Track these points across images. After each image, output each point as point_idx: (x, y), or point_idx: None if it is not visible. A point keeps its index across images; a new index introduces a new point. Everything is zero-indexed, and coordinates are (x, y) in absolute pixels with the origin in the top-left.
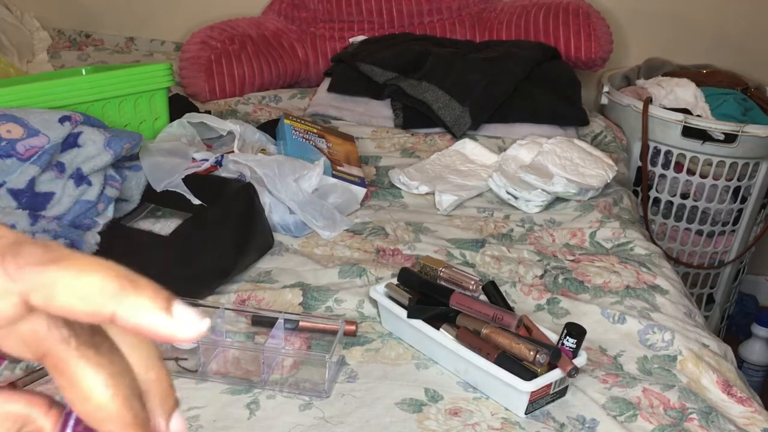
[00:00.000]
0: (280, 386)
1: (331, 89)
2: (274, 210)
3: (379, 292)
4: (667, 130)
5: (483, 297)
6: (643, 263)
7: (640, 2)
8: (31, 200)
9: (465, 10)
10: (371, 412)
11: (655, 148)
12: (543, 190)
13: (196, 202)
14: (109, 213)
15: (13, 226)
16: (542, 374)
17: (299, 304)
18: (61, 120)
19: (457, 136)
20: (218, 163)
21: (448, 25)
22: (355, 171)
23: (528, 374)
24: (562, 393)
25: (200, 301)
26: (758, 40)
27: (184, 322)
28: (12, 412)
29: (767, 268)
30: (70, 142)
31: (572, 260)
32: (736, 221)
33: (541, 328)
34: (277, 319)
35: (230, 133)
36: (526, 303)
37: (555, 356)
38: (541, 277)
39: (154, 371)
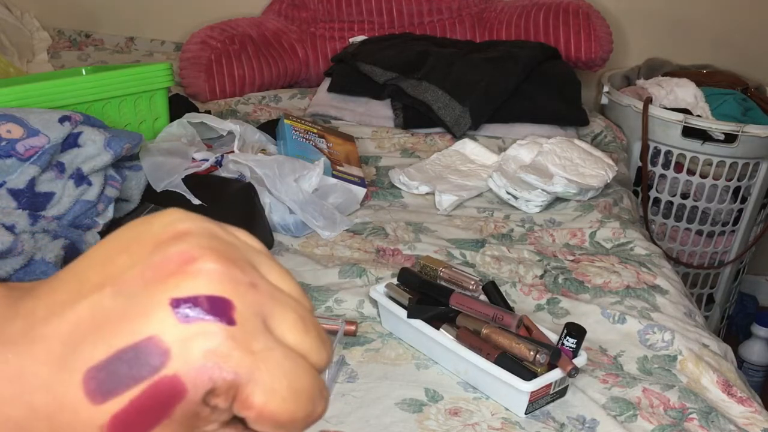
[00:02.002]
0: None
1: (331, 89)
2: (274, 210)
3: (379, 292)
4: (667, 130)
5: (483, 297)
6: (643, 263)
7: (640, 2)
8: (31, 200)
9: (465, 10)
10: (371, 412)
11: (655, 148)
12: (543, 190)
13: (196, 202)
14: (110, 213)
15: (13, 226)
16: (542, 374)
17: None
18: (61, 120)
19: (457, 136)
20: (218, 163)
21: (448, 25)
22: (355, 171)
23: (528, 374)
24: (562, 393)
25: None
26: (758, 40)
27: None
28: None
29: (767, 268)
30: (70, 142)
31: (572, 260)
32: (736, 221)
33: (541, 328)
34: None
35: (230, 133)
36: (526, 303)
37: (555, 356)
38: (541, 277)
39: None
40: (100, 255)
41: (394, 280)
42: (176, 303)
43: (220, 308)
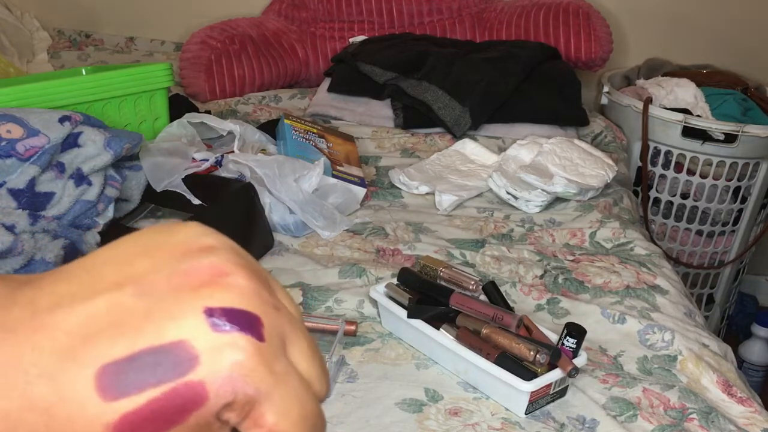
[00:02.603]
0: None
1: (331, 89)
2: (274, 210)
3: (379, 292)
4: (667, 130)
5: (483, 297)
6: (643, 263)
7: (640, 2)
8: (31, 200)
9: (465, 10)
10: (371, 412)
11: (655, 148)
12: (543, 190)
13: (196, 202)
14: (109, 213)
15: (12, 226)
16: (542, 374)
17: (299, 304)
18: (61, 120)
19: (457, 136)
20: (218, 163)
21: (448, 25)
22: (355, 171)
23: (528, 374)
24: (562, 393)
25: None
26: (758, 40)
27: None
28: None
29: (767, 268)
30: (70, 142)
31: (572, 260)
32: (736, 221)
33: (541, 328)
34: None
35: (230, 133)
36: (526, 303)
37: (555, 356)
38: (541, 277)
39: None
40: (116, 255)
41: (394, 280)
42: (210, 312)
43: (251, 323)
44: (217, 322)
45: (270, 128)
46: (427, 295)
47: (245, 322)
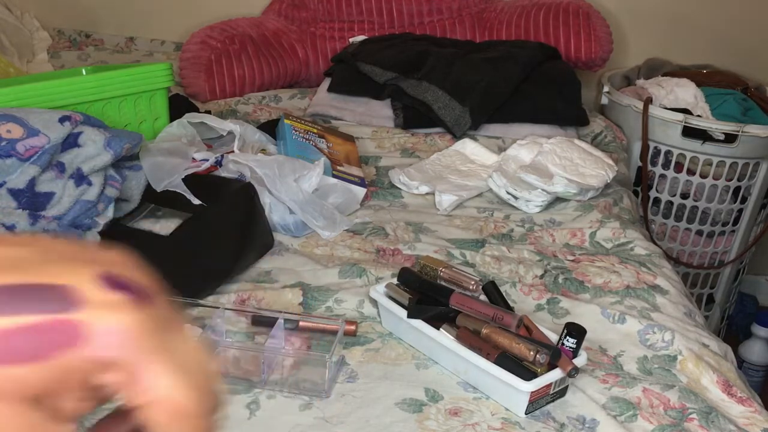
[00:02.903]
0: (280, 386)
1: (331, 89)
2: (274, 210)
3: (379, 292)
4: (667, 130)
5: (483, 297)
6: (643, 263)
7: (640, 2)
8: (31, 200)
9: (465, 10)
10: (371, 412)
11: (655, 148)
12: (543, 190)
13: (196, 202)
14: (109, 213)
15: (13, 226)
16: (542, 374)
17: (299, 304)
18: (61, 120)
19: (457, 136)
20: (218, 163)
21: (448, 25)
22: (355, 171)
23: (528, 374)
24: (562, 393)
25: (200, 301)
26: (758, 40)
27: None
28: None
29: (767, 268)
30: (70, 142)
31: (572, 260)
32: (736, 221)
33: (541, 328)
34: (277, 319)
35: (230, 133)
36: (526, 303)
37: (555, 356)
38: (541, 277)
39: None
40: (22, 240)
41: (394, 280)
42: (102, 274)
43: (140, 293)
44: (107, 282)
45: (270, 128)
46: (427, 295)
47: (135, 291)
